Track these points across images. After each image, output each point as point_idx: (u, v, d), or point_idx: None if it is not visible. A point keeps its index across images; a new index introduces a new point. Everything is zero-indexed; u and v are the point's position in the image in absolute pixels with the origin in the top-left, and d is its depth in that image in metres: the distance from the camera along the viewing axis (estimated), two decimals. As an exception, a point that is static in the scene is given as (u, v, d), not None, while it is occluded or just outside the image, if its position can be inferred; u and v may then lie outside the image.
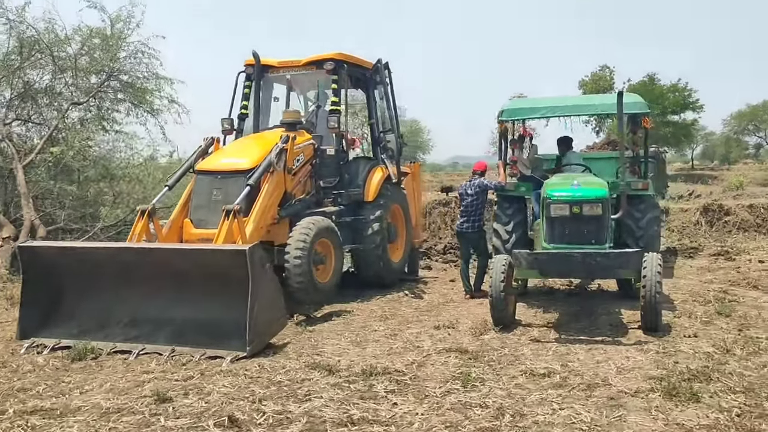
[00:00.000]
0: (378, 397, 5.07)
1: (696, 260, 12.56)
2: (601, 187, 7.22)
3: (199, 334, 6.49)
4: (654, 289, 6.74)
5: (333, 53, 9.52)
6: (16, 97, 16.42)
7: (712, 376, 5.36)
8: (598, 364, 5.87)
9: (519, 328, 7.33)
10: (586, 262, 6.69)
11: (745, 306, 8.25)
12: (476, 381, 5.42)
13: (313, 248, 7.90)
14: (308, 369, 5.85)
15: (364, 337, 7.08)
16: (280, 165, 8.28)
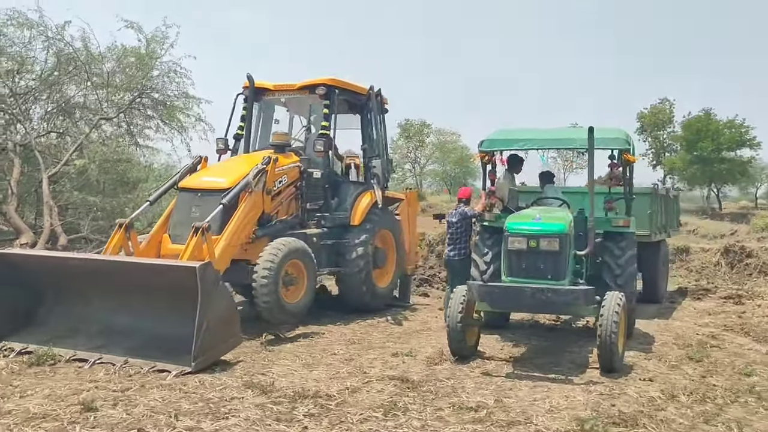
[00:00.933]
0: (293, 420, 5.12)
1: (703, 302, 12.20)
2: (561, 223, 7.13)
3: (152, 347, 6.67)
4: (610, 329, 6.61)
5: (326, 78, 9.72)
6: (52, 110, 17.23)
7: (639, 422, 5.23)
8: (533, 402, 5.78)
9: (477, 360, 7.27)
10: (536, 297, 6.62)
11: (725, 352, 7.99)
12: (399, 410, 5.42)
13: (283, 269, 8.01)
14: (244, 388, 5.94)
15: (318, 360, 7.13)
16: (259, 186, 8.46)
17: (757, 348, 8.32)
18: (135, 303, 6.88)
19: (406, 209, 11.29)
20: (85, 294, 7.30)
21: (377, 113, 10.20)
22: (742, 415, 5.55)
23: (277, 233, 8.68)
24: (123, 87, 17.77)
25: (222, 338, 6.69)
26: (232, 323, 6.85)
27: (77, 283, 7.32)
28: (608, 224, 8.50)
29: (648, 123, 52.41)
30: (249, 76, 9.96)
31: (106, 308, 7.15)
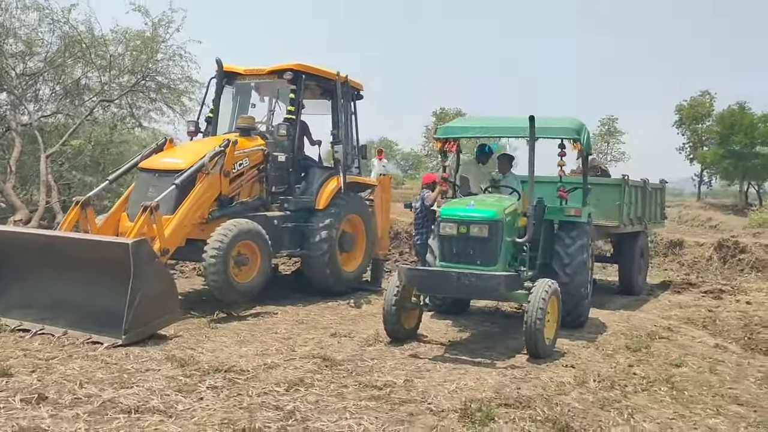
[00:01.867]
0: (194, 391, 5.29)
1: (681, 296, 12.09)
2: (492, 210, 7.17)
3: (92, 320, 6.89)
4: (535, 315, 6.66)
5: (293, 64, 9.84)
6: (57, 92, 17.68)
7: (532, 404, 5.29)
8: (442, 383, 5.86)
9: (412, 343, 7.36)
10: (460, 282, 6.69)
11: (671, 344, 7.96)
12: (303, 386, 5.56)
13: (233, 249, 8.19)
14: (165, 361, 6.13)
15: (255, 338, 7.30)
16: (216, 168, 8.64)
17: (708, 341, 8.28)
18: (78, 277, 7.11)
19: (380, 195, 11.39)
20: (36, 268, 7.56)
21: (344, 99, 10.28)
22: (644, 402, 5.57)
23: (237, 215, 8.86)
24: (127, 70, 18.14)
25: (157, 314, 6.89)
26: (169, 299, 7.05)
27: (31, 257, 7.59)
28: (561, 213, 8.51)
29: (686, 116, 51.40)
30: (217, 60, 10.14)
31: (54, 282, 7.39)
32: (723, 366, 6.99)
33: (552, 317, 7.13)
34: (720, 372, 6.73)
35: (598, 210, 10.55)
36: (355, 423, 4.75)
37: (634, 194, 11.30)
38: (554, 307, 7.14)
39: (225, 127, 10.46)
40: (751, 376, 6.63)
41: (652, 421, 5.12)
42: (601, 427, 4.88)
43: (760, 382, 6.40)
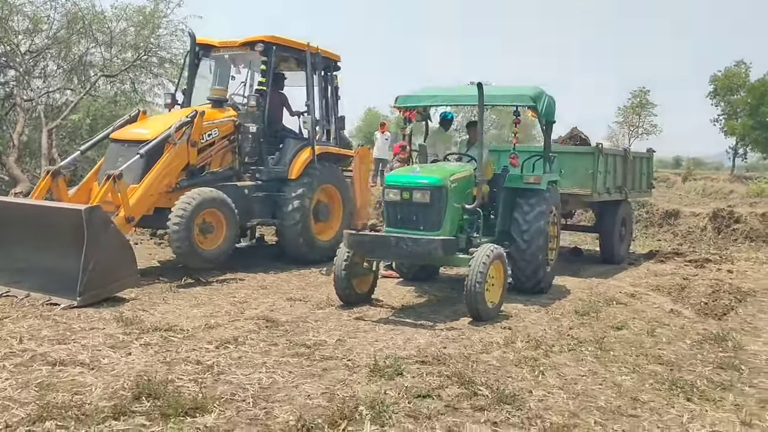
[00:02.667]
0: (125, 348, 5.57)
1: (664, 265, 12.05)
2: (435, 176, 7.29)
3: (54, 283, 7.21)
4: (474, 279, 6.81)
5: (264, 35, 9.99)
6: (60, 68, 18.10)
7: (446, 362, 5.46)
8: (372, 343, 6.05)
9: (364, 307, 7.56)
10: (399, 246, 6.86)
11: (625, 309, 8.04)
12: (234, 344, 5.80)
13: (198, 217, 8.44)
14: (113, 321, 6.42)
15: (211, 302, 7.56)
16: (184, 138, 8.88)
17: (666, 306, 8.32)
18: (39, 243, 7.44)
19: (358, 166, 11.52)
20: (10, 234, 7.88)
21: (316, 70, 10.40)
22: (563, 361, 5.70)
23: (207, 184, 9.11)
24: (130, 45, 18.47)
25: (112, 278, 7.18)
26: (126, 264, 7.33)
27: (6, 224, 7.91)
28: (520, 180, 8.59)
29: (721, 87, 50.38)
30: (190, 33, 10.35)
31: (23, 247, 7.73)
32: (665, 329, 7.06)
33: (497, 281, 7.28)
34: (658, 334, 6.81)
35: (573, 178, 10.62)
36: (266, 376, 4.97)
37: (612, 163, 11.29)
38: (499, 272, 7.27)
39: (204, 99, 10.65)
40: (688, 338, 6.70)
41: (561, 377, 5.26)
42: (503, 382, 5.02)
43: (694, 344, 6.47)
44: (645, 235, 15.80)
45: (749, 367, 5.77)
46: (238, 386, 4.74)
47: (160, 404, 4.25)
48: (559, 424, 4.27)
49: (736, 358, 6.02)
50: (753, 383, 5.34)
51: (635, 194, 12.60)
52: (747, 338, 6.83)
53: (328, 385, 4.84)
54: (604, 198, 11.18)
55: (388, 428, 4.11)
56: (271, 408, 4.35)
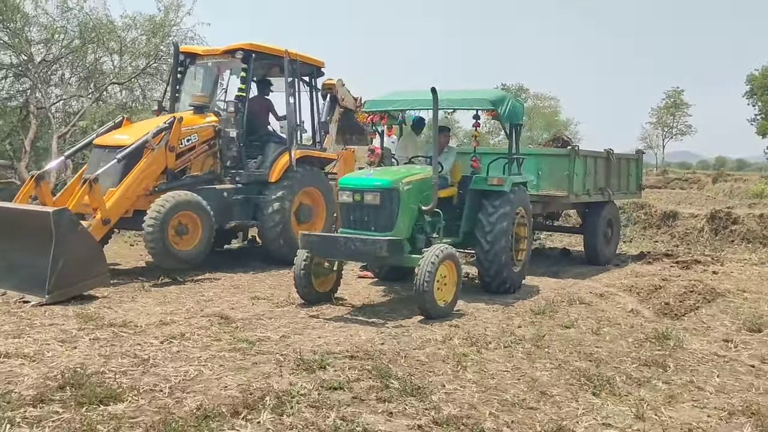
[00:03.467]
0: (73, 341, 5.89)
1: (650, 266, 12.03)
2: (386, 178, 7.51)
3: (30, 281, 7.57)
4: (423, 278, 7.00)
5: (244, 43, 10.32)
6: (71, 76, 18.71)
7: (374, 356, 5.66)
8: (315, 339, 6.27)
9: (324, 305, 7.78)
10: (347, 246, 7.10)
11: (586, 308, 8.14)
12: (178, 339, 6.08)
13: (173, 219, 8.77)
14: (74, 317, 6.76)
15: (176, 300, 7.86)
16: (161, 143, 9.23)
17: (628, 307, 8.40)
18: (15, 244, 7.83)
19: (344, 168, 11.80)
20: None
21: (293, 76, 10.66)
22: (492, 358, 5.86)
23: (186, 187, 9.45)
24: (140, 53, 19.01)
25: (80, 277, 7.53)
26: (95, 264, 7.70)
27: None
28: (484, 182, 8.75)
29: (758, 86, 49.62)
30: (174, 44, 10.72)
31: (7, 248, 8.13)
32: (614, 328, 7.16)
33: (450, 281, 7.45)
34: (603, 333, 6.91)
35: (550, 180, 10.73)
36: (195, 369, 5.24)
37: (592, 165, 11.36)
38: (452, 271, 7.45)
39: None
40: (632, 337, 6.79)
41: (482, 372, 5.42)
42: (420, 376, 5.22)
43: (634, 342, 6.57)
44: (643, 237, 15.75)
45: (677, 365, 5.87)
46: (164, 378, 5.01)
47: (79, 394, 4.54)
48: (453, 415, 4.45)
49: (670, 356, 6.11)
50: (670, 380, 5.45)
51: (621, 196, 12.61)
52: (694, 338, 6.90)
53: (251, 377, 5.08)
54: (583, 199, 11.26)
55: (285, 417, 4.33)
56: (184, 398, 4.61)
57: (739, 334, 7.12)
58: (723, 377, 5.59)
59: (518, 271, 9.15)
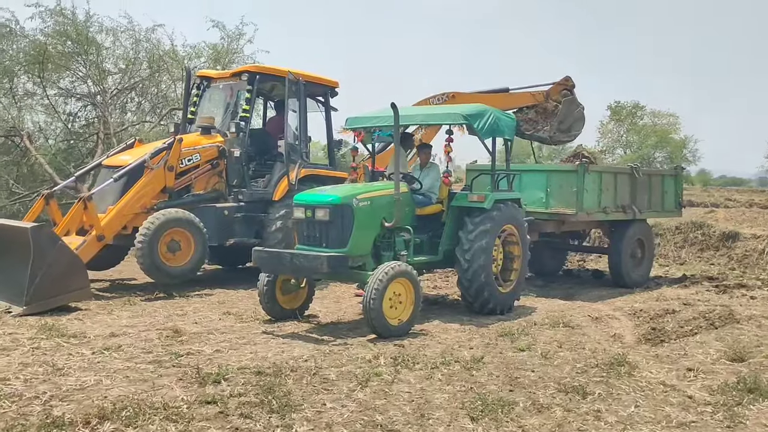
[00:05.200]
0: (12, 350, 6.19)
1: (683, 290, 11.18)
2: (337, 195, 7.43)
3: (13, 292, 8.04)
4: (370, 295, 6.88)
5: (249, 66, 10.63)
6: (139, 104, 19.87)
7: (281, 373, 5.60)
8: (248, 354, 6.29)
9: (287, 322, 7.76)
10: (292, 262, 7.09)
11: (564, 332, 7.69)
12: (111, 351, 6.25)
13: (163, 236, 9.08)
14: (36, 327, 7.08)
15: (148, 315, 8.07)
16: (160, 163, 9.61)
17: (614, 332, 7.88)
18: (8, 257, 8.34)
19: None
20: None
21: (295, 97, 10.78)
22: (407, 379, 5.64)
23: (185, 206, 9.77)
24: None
25: (61, 290, 7.92)
26: (75, 278, 8.06)
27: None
28: (464, 200, 8.52)
29: None
30: (186, 69, 11.16)
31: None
32: (573, 353, 6.72)
33: (407, 299, 7.28)
34: (553, 357, 6.50)
35: (559, 198, 10.30)
36: (95, 380, 5.37)
37: (611, 181, 10.77)
38: (408, 289, 7.26)
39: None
40: (584, 362, 6.35)
41: (379, 393, 5.23)
42: (305, 395, 5.11)
43: (582, 368, 6.13)
44: (699, 259, 14.67)
45: (604, 392, 5.43)
46: (56, 386, 5.17)
47: (-38, 397, 4.77)
48: (299, 433, 4.32)
49: (604, 383, 5.67)
50: (577, 408, 5.05)
51: (653, 214, 11.85)
52: (655, 366, 6.36)
53: (139, 389, 5.15)
54: (599, 218, 10.69)
55: (130, 428, 4.36)
56: (55, 406, 4.74)
57: (713, 363, 6.49)
58: (642, 407, 5.11)
59: (508, 292, 8.80)
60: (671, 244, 15.31)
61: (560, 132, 12.50)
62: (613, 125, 50.26)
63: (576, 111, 12.58)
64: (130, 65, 19.69)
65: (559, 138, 12.80)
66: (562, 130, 12.53)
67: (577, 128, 12.78)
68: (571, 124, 12.57)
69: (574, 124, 12.63)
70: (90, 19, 18.74)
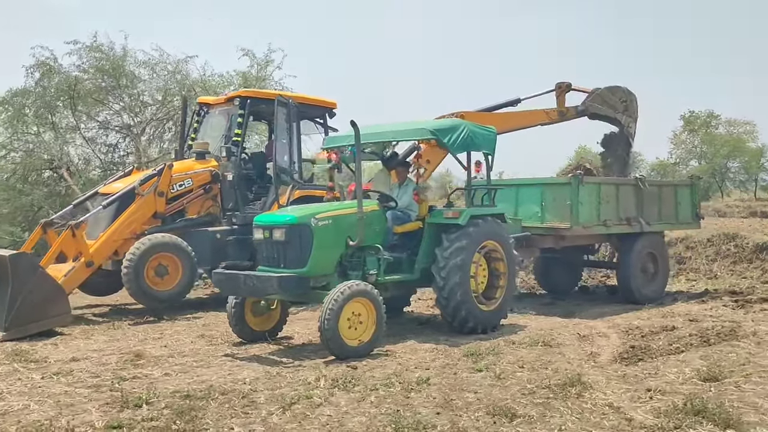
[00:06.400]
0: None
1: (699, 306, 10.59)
2: (294, 215, 7.36)
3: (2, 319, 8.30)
4: (324, 315, 6.76)
5: (241, 91, 10.75)
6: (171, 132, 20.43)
7: (211, 395, 5.54)
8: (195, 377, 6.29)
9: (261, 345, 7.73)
10: (246, 284, 7.03)
11: (538, 351, 7.38)
12: (60, 375, 6.35)
13: (149, 260, 9.22)
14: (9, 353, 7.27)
15: (123, 339, 8.17)
16: (149, 189, 9.79)
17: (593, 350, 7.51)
18: None
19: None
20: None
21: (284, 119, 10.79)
22: (337, 402, 5.48)
23: (175, 230, 9.92)
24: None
25: (41, 315, 8.12)
26: (55, 305, 8.26)
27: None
28: (440, 216, 8.33)
29: None
30: (183, 96, 11.38)
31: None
32: (533, 373, 6.39)
33: (368, 319, 7.12)
34: (507, 378, 6.20)
35: (553, 211, 9.98)
36: (25, 404, 5.43)
37: (612, 193, 10.34)
38: (369, 309, 7.11)
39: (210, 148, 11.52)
40: (537, 383, 6.03)
41: (297, 417, 5.09)
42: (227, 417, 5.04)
43: (534, 389, 5.81)
44: (731, 273, 13.88)
45: (536, 414, 5.13)
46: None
47: None
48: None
49: (544, 406, 5.36)
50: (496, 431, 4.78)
51: (666, 226, 11.30)
52: (617, 386, 5.98)
53: (57, 414, 5.18)
54: (598, 231, 10.25)
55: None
56: (-37, 430, 4.81)
57: (682, 383, 6.05)
58: (566, 431, 4.79)
59: (492, 310, 8.51)
60: (702, 257, 14.57)
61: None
62: (686, 135, 48.18)
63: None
64: (166, 97, 20.28)
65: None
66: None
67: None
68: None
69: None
70: (126, 54, 19.47)
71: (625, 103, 12.13)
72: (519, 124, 12.12)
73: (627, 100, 12.17)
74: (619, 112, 12.07)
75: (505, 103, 12.42)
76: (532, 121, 12.30)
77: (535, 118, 12.33)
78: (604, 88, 12.02)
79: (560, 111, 12.18)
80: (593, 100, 11.93)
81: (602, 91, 11.99)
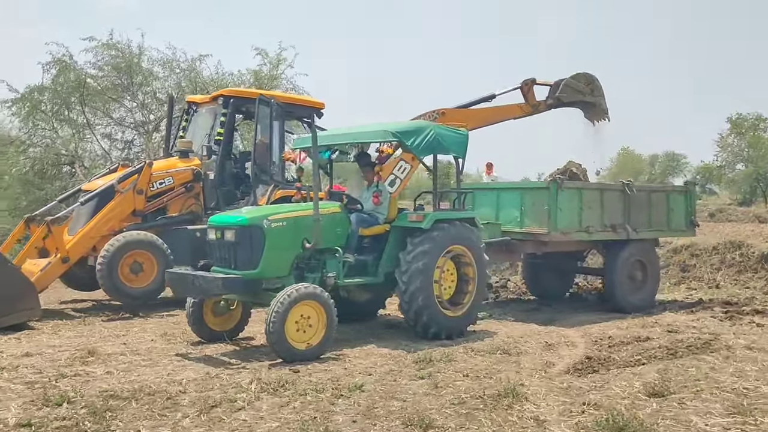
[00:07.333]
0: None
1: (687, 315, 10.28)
2: (245, 216, 7.33)
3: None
4: (271, 317, 6.74)
5: (224, 90, 10.78)
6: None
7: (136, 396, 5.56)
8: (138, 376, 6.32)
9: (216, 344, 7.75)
10: (194, 284, 7.04)
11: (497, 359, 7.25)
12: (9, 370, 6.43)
13: (123, 257, 9.31)
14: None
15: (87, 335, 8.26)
16: (129, 187, 9.89)
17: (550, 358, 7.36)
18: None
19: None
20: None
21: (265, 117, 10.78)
22: (259, 406, 5.44)
23: (154, 228, 10.00)
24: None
25: (9, 310, 8.26)
26: (24, 300, 8.39)
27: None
28: (405, 219, 8.24)
29: None
30: (169, 95, 11.46)
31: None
32: (474, 382, 6.25)
33: (318, 322, 7.06)
34: (445, 386, 6.06)
35: (532, 216, 9.79)
36: None
37: (595, 199, 10.09)
38: (319, 312, 7.05)
39: (196, 147, 11.58)
40: (471, 392, 5.87)
41: (214, 420, 5.07)
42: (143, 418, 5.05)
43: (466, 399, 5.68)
44: (735, 282, 13.45)
45: (453, 427, 5.01)
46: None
47: None
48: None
49: (466, 417, 5.24)
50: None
51: (656, 233, 11.00)
52: (556, 398, 5.81)
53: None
54: (580, 237, 10.01)
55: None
56: None
57: (624, 398, 5.85)
58: (473, 446, 4.68)
59: (458, 316, 8.37)
60: (707, 265, 14.17)
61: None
62: (733, 138, 46.70)
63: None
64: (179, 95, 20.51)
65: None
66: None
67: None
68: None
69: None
70: (142, 52, 19.75)
71: (590, 86, 12.11)
72: (495, 118, 12.16)
73: (591, 82, 12.15)
74: (588, 94, 12.04)
75: (480, 99, 12.39)
76: (506, 115, 12.37)
77: (510, 112, 12.40)
78: (567, 77, 11.99)
79: (533, 105, 12.17)
80: (563, 90, 11.88)
81: (567, 80, 11.95)
